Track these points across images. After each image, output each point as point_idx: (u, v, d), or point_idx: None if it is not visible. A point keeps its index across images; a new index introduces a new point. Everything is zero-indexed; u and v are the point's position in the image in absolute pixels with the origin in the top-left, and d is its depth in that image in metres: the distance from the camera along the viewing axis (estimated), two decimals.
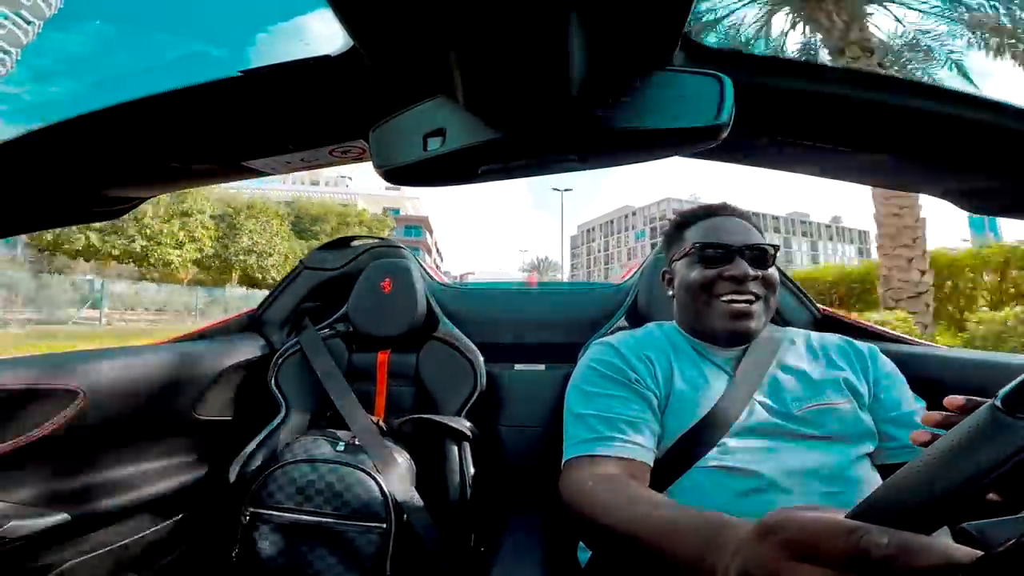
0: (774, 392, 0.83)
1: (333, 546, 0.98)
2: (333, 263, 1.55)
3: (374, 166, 0.57)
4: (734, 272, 0.86)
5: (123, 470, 1.05)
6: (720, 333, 0.88)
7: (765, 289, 0.88)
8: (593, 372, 0.89)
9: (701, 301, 0.90)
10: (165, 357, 1.16)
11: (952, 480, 0.27)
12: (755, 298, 0.87)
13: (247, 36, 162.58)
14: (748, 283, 0.86)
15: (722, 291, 0.87)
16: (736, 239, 0.89)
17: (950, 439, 0.29)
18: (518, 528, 1.09)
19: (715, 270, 0.88)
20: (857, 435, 0.80)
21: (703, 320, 0.90)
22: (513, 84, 0.43)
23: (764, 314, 0.89)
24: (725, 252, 0.88)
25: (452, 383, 1.28)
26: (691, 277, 0.91)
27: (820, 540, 0.30)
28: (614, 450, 0.75)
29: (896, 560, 0.27)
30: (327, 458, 1.06)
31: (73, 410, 0.92)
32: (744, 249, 0.88)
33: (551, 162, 0.55)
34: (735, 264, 0.87)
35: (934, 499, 0.28)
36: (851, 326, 1.30)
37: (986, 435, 0.28)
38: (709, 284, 0.88)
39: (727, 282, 0.87)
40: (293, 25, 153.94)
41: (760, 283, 0.88)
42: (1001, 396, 0.28)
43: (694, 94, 0.47)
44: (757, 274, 0.87)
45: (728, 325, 0.87)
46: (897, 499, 0.30)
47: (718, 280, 0.88)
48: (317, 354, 1.30)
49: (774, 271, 0.89)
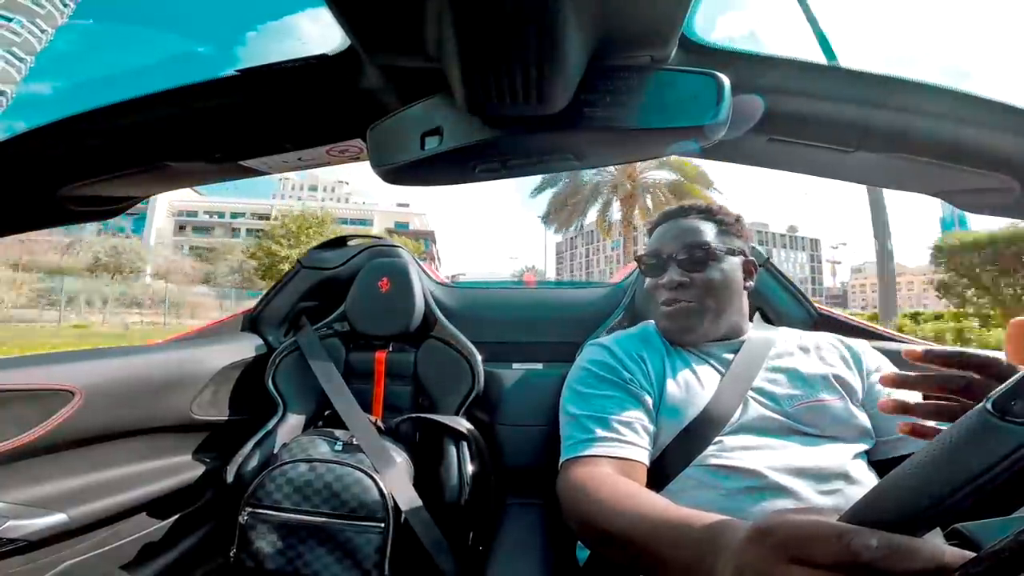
0: (767, 389, 0.83)
1: (331, 546, 0.98)
2: (331, 262, 1.55)
3: (372, 165, 0.57)
4: (663, 280, 0.92)
5: (121, 470, 1.05)
6: (669, 336, 0.94)
7: (699, 291, 0.89)
8: (587, 373, 0.89)
9: (654, 307, 0.96)
10: (162, 357, 1.15)
11: (944, 483, 0.28)
12: (687, 302, 0.90)
13: (236, 34, 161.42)
14: (679, 290, 0.90)
15: (661, 299, 0.93)
16: (670, 246, 0.93)
17: (942, 441, 0.29)
18: (516, 526, 1.09)
19: (654, 279, 0.95)
20: (852, 432, 0.80)
21: (658, 324, 0.97)
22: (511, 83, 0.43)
23: (703, 315, 0.90)
24: (656, 262, 0.95)
25: (450, 382, 1.28)
26: (646, 286, 1.00)
27: (812, 543, 0.30)
28: (610, 450, 0.76)
29: (886, 562, 0.27)
30: (325, 458, 1.06)
31: (71, 410, 0.92)
32: (675, 255, 0.91)
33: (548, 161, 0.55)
34: (667, 272, 0.92)
35: (926, 502, 0.28)
36: (848, 325, 1.30)
37: (977, 438, 0.28)
38: (652, 292, 0.96)
39: (663, 290, 0.93)
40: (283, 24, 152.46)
41: (691, 288, 0.90)
42: (992, 399, 0.28)
43: (691, 93, 0.47)
44: (685, 279, 0.90)
45: (666, 326, 0.93)
46: (889, 501, 0.30)
47: (656, 288, 0.94)
48: (315, 353, 1.30)
49: (711, 273, 0.90)
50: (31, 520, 0.85)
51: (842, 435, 0.80)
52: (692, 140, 0.49)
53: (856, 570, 0.28)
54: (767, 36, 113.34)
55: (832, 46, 0.52)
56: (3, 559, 0.83)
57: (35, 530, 0.85)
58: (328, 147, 0.67)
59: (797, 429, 0.79)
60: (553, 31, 0.37)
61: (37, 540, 0.85)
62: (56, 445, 0.92)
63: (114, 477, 1.03)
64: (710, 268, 0.90)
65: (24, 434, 0.87)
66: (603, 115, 0.48)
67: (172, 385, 1.14)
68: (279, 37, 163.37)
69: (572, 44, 0.40)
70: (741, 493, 0.72)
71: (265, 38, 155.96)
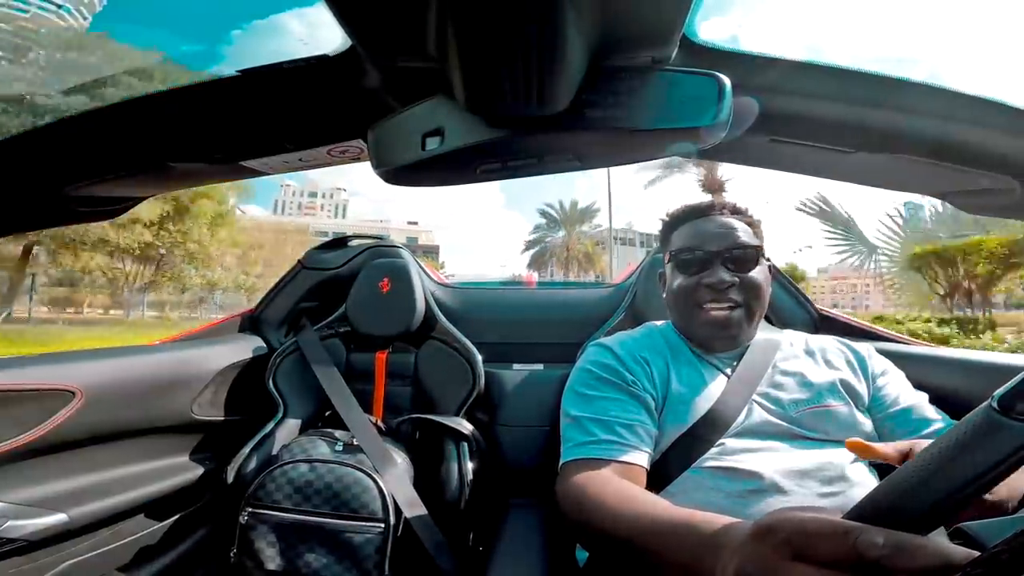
0: (772, 394, 0.83)
1: (332, 546, 0.97)
2: (331, 263, 1.55)
3: (372, 166, 0.57)
4: (710, 280, 0.85)
5: (121, 470, 1.05)
6: (704, 341, 0.88)
7: (746, 294, 0.86)
8: (589, 375, 0.88)
9: (685, 308, 0.89)
10: (163, 357, 1.15)
11: (949, 481, 0.28)
12: (735, 305, 0.85)
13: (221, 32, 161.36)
14: (727, 290, 0.85)
15: (702, 299, 0.86)
16: (715, 243, 0.87)
17: (947, 440, 0.29)
18: (516, 527, 1.09)
19: (694, 277, 0.87)
20: (856, 437, 0.80)
21: (689, 327, 0.90)
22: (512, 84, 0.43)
23: (747, 320, 0.87)
24: (702, 258, 0.87)
25: (450, 383, 1.28)
26: (675, 284, 0.91)
27: (817, 540, 0.30)
28: (610, 453, 0.75)
29: (891, 560, 0.27)
30: (326, 458, 1.05)
31: (71, 410, 0.92)
32: (723, 253, 0.86)
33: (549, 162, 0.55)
34: (712, 271, 0.86)
35: (931, 500, 0.28)
36: (849, 326, 1.30)
37: (982, 436, 0.28)
38: (690, 291, 0.88)
39: (706, 290, 0.86)
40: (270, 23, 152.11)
41: (740, 289, 0.85)
42: (997, 397, 0.28)
43: (692, 94, 0.46)
44: (735, 280, 0.85)
45: (708, 333, 0.87)
46: (894, 500, 0.30)
47: (698, 287, 0.87)
48: (315, 354, 1.30)
49: (757, 274, 0.87)
50: (31, 520, 0.85)
51: (845, 439, 0.79)
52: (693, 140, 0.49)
53: (861, 568, 0.28)
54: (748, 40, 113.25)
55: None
56: (3, 559, 0.83)
57: (35, 530, 0.85)
58: (329, 147, 0.67)
59: (800, 434, 0.79)
60: (554, 31, 0.37)
61: (37, 540, 0.85)
62: (57, 445, 0.92)
63: (114, 477, 1.03)
64: (757, 269, 0.87)
65: (25, 434, 0.87)
66: (604, 116, 0.48)
67: (173, 385, 1.14)
68: (266, 36, 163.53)
69: (573, 44, 0.40)
70: (741, 495, 0.72)
71: (252, 37, 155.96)
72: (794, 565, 0.31)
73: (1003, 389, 0.28)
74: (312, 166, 0.73)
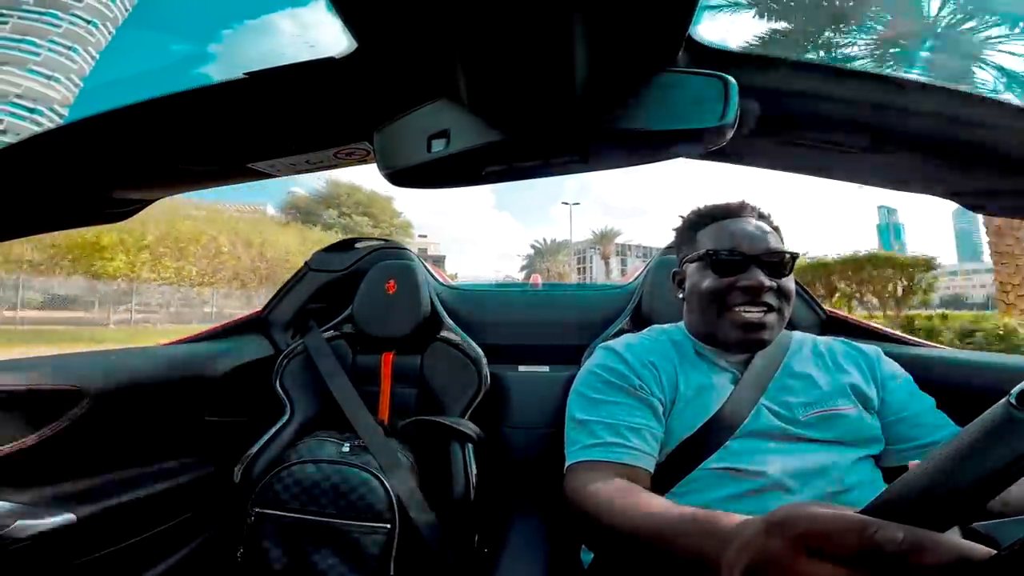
0: (781, 397, 0.82)
1: (338, 546, 0.98)
2: (338, 264, 1.56)
3: (379, 168, 0.58)
4: (749, 282, 0.82)
5: (128, 471, 1.05)
6: (732, 344, 0.85)
7: (780, 299, 0.83)
8: (596, 378, 0.87)
9: (713, 310, 0.85)
10: (170, 358, 1.16)
11: (966, 478, 0.27)
12: (769, 309, 0.83)
13: (212, 32, 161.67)
14: (763, 294, 0.82)
15: (735, 301, 0.83)
16: (753, 246, 0.84)
17: (964, 437, 0.29)
18: (521, 529, 1.09)
19: (729, 279, 0.84)
20: (863, 440, 0.79)
21: (714, 329, 0.86)
22: (517, 85, 0.43)
23: (778, 325, 0.84)
24: (740, 260, 0.83)
25: (456, 384, 1.28)
26: (703, 285, 0.86)
27: (833, 534, 0.29)
28: (617, 456, 0.75)
29: (910, 556, 0.26)
30: (332, 459, 1.06)
31: (78, 411, 0.93)
32: (761, 257, 0.83)
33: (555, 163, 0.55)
34: (750, 273, 0.82)
35: (948, 497, 0.28)
36: (857, 327, 1.29)
37: (1001, 433, 0.27)
38: (722, 293, 0.84)
39: (741, 292, 0.83)
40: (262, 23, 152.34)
41: (775, 293, 0.83)
42: (1015, 394, 0.28)
43: (699, 95, 0.46)
44: (773, 284, 0.82)
45: (740, 336, 0.83)
46: (911, 497, 0.30)
47: (732, 290, 0.83)
48: (321, 355, 1.31)
49: (791, 280, 0.85)
50: (40, 520, 0.86)
51: (853, 442, 0.79)
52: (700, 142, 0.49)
53: (879, 563, 0.27)
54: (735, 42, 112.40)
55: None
56: (12, 558, 0.83)
57: (44, 530, 0.85)
58: (335, 149, 0.67)
59: (809, 437, 0.78)
60: (559, 33, 0.37)
61: (45, 540, 0.86)
62: (65, 445, 0.93)
63: (122, 477, 1.03)
64: (790, 276, 0.85)
65: (33, 434, 0.88)
66: (609, 117, 0.48)
67: (179, 386, 1.14)
68: (257, 35, 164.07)
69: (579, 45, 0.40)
70: (748, 495, 0.72)
71: (242, 36, 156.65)
72: (809, 561, 0.30)
73: (1021, 386, 0.28)
74: (319, 168, 0.73)
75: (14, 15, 70.25)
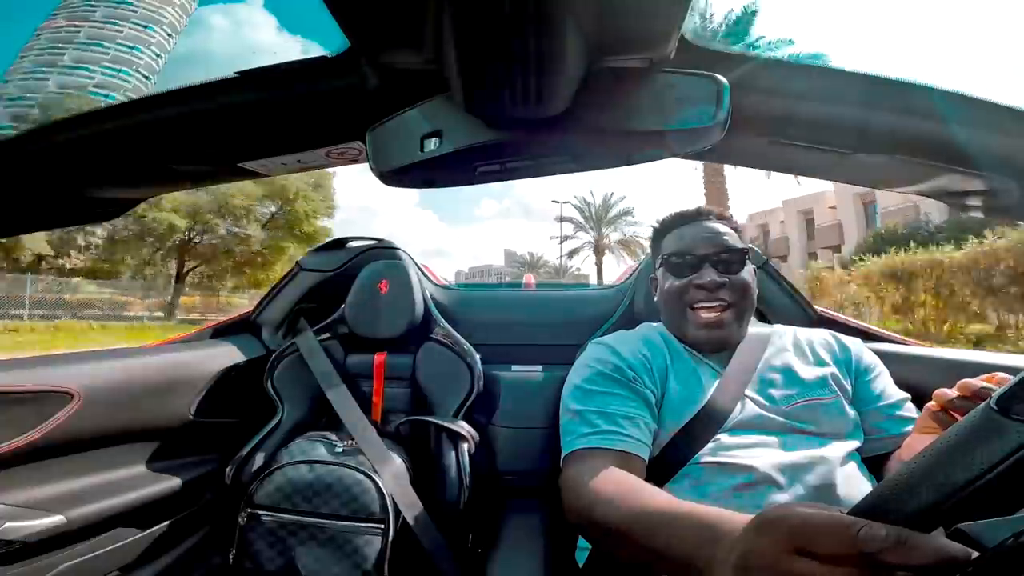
0: (763, 388, 0.85)
1: (331, 547, 0.97)
2: (330, 264, 1.55)
3: (371, 167, 0.57)
4: (701, 281, 0.88)
5: (119, 472, 1.04)
6: (700, 343, 0.91)
7: (736, 294, 0.88)
8: (591, 370, 0.89)
9: (677, 310, 0.92)
10: (160, 359, 1.15)
11: (949, 480, 0.28)
12: (726, 305, 0.88)
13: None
14: (717, 291, 0.88)
15: (693, 300, 0.90)
16: (705, 246, 0.90)
17: (946, 440, 0.29)
18: (515, 529, 1.09)
19: (684, 279, 0.91)
20: (846, 430, 0.82)
21: (681, 328, 0.93)
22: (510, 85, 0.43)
23: (737, 321, 0.89)
24: (692, 261, 0.91)
25: (449, 384, 1.28)
26: (666, 286, 0.94)
27: (820, 534, 0.30)
28: (612, 443, 0.76)
29: (894, 555, 0.27)
30: (325, 459, 1.05)
31: (69, 412, 0.92)
32: (711, 256, 0.89)
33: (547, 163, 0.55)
34: (702, 273, 0.89)
35: (931, 499, 0.28)
36: (846, 327, 1.30)
37: (982, 436, 0.28)
38: (682, 293, 0.91)
39: (697, 290, 0.89)
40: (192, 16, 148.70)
41: (729, 289, 0.88)
42: (996, 397, 0.28)
43: (691, 95, 0.47)
44: (725, 280, 0.88)
45: (705, 336, 0.89)
46: (894, 498, 0.30)
47: (689, 289, 0.90)
48: (313, 356, 1.30)
49: (744, 275, 0.90)
50: (29, 522, 0.85)
51: (837, 432, 0.81)
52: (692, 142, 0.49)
53: (864, 563, 0.28)
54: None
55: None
56: (1, 561, 0.82)
57: (33, 532, 0.85)
58: (327, 149, 0.67)
59: (794, 427, 0.80)
60: (552, 32, 0.37)
61: (35, 542, 0.85)
62: (54, 447, 0.92)
63: (112, 479, 1.02)
64: (744, 270, 0.90)
65: (22, 436, 0.87)
66: (602, 117, 0.48)
67: (171, 387, 1.13)
68: (184, 33, 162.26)
69: (571, 45, 0.40)
70: (737, 490, 0.73)
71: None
72: (796, 559, 0.31)
73: (1002, 390, 0.29)
74: (311, 168, 0.73)
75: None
